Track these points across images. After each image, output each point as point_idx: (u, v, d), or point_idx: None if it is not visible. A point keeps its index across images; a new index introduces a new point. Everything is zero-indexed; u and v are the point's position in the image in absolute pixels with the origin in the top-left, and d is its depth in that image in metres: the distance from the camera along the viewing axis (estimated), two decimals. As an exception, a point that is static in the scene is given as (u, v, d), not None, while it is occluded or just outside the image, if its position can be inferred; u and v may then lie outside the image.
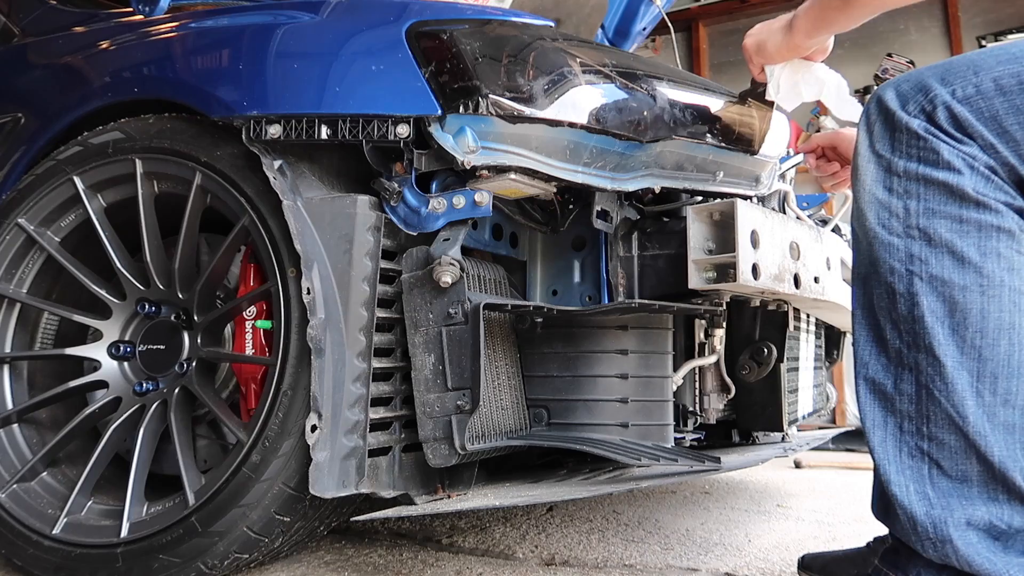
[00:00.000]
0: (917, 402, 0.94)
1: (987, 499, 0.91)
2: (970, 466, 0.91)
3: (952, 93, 0.93)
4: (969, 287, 0.91)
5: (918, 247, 0.94)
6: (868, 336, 1.00)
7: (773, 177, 1.66)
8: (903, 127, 0.96)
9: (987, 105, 0.91)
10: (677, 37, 2.43)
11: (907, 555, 0.98)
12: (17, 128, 1.64)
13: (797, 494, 2.46)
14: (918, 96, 0.96)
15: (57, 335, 1.66)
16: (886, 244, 0.96)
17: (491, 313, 1.30)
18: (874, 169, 0.99)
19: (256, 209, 1.31)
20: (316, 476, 1.16)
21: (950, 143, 0.93)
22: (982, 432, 0.90)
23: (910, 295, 0.94)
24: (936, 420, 0.93)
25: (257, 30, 1.37)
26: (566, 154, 1.26)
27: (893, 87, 0.99)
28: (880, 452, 0.97)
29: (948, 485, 0.92)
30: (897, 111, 0.97)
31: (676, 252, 1.43)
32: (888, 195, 0.97)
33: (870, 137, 1.00)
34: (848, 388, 4.30)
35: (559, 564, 1.51)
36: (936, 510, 0.92)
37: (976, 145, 0.92)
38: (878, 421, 0.97)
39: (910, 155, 0.95)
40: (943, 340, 0.92)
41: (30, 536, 1.38)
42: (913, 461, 0.94)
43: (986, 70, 0.92)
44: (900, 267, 0.95)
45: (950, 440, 0.92)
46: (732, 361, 1.73)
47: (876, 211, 0.98)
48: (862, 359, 1.00)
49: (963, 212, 0.92)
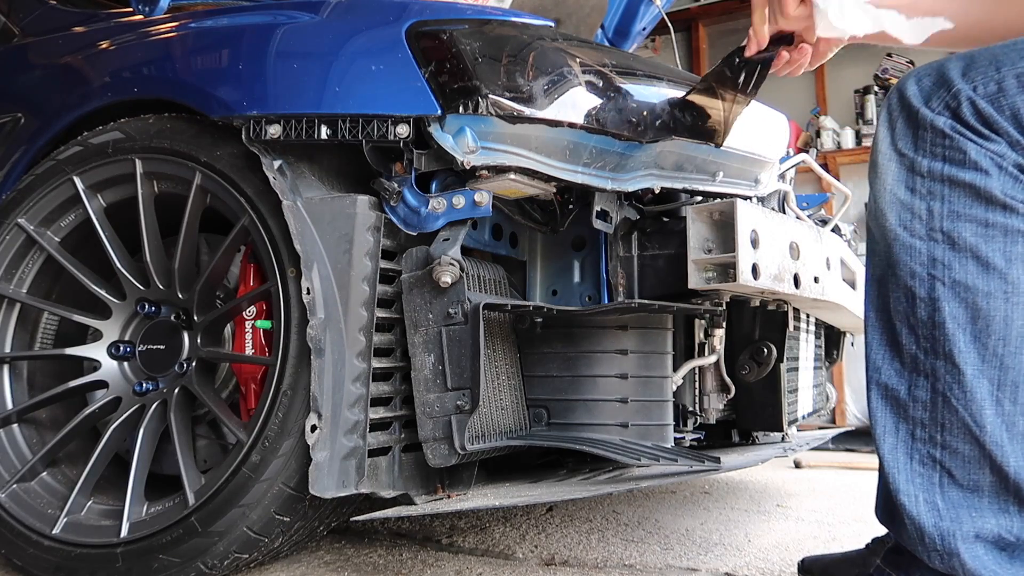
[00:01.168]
0: (932, 409, 0.92)
1: (997, 510, 0.90)
2: (983, 476, 0.90)
3: (975, 89, 0.90)
4: (993, 294, 0.89)
5: (941, 251, 0.91)
6: (882, 340, 0.97)
7: (773, 177, 1.66)
8: (928, 125, 0.92)
9: (1009, 103, 0.88)
10: (677, 37, 2.42)
11: (910, 557, 0.97)
12: (17, 128, 1.64)
13: (797, 494, 2.46)
14: (941, 92, 0.92)
15: (57, 335, 1.65)
16: (907, 247, 0.93)
17: (491, 313, 1.30)
18: (896, 168, 0.95)
19: (256, 209, 1.31)
20: (316, 476, 1.16)
21: (978, 141, 0.89)
22: (999, 442, 0.88)
23: (931, 300, 0.91)
24: (951, 428, 0.91)
25: (257, 30, 1.37)
26: (566, 154, 1.26)
27: (914, 81, 0.95)
28: (890, 459, 0.95)
29: (958, 495, 0.91)
30: (920, 108, 0.93)
31: (676, 252, 1.43)
32: (911, 196, 0.93)
33: (892, 134, 0.96)
34: (848, 388, 4.31)
35: (559, 564, 1.51)
36: (945, 522, 0.90)
37: (1004, 142, 0.89)
38: (889, 427, 0.95)
39: (935, 154, 0.92)
40: (964, 347, 0.89)
41: (30, 536, 1.38)
42: (924, 469, 0.92)
43: (1008, 65, 0.89)
44: (922, 271, 0.92)
45: (964, 449, 0.90)
46: (732, 361, 1.73)
47: (898, 212, 0.94)
48: (874, 363, 0.98)
49: (989, 216, 0.89)
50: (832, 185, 2.25)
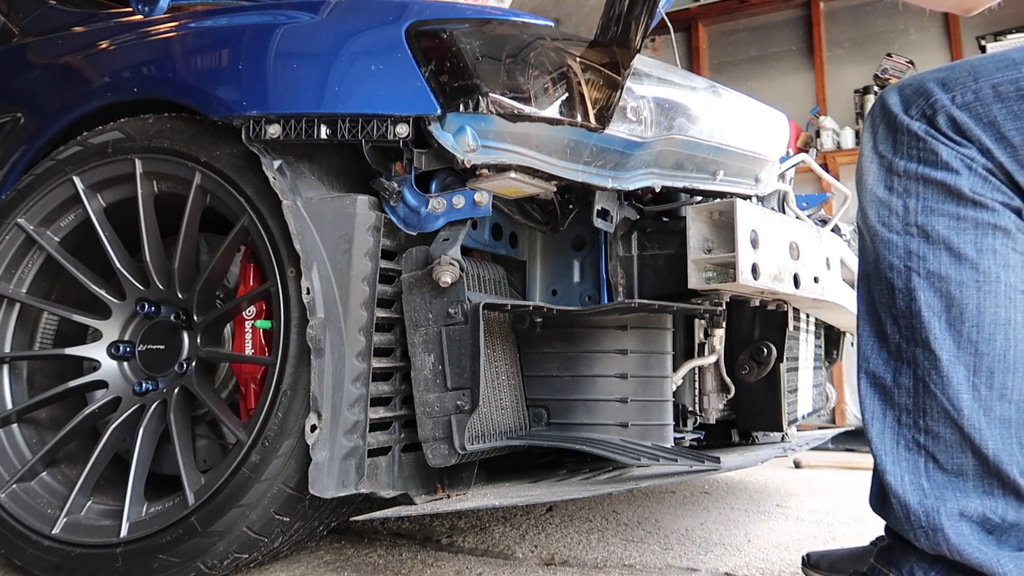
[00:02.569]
0: (915, 396, 0.96)
1: (982, 492, 0.92)
2: (965, 460, 0.93)
3: (952, 99, 0.95)
4: (965, 283, 0.93)
5: (916, 244, 0.96)
6: (870, 331, 1.02)
7: (773, 176, 1.66)
8: (904, 129, 0.98)
9: (985, 111, 0.93)
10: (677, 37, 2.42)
11: (901, 550, 1.00)
12: (17, 128, 1.64)
13: (797, 494, 2.46)
14: (920, 100, 0.98)
15: (57, 335, 1.65)
16: (886, 241, 0.98)
17: (491, 313, 1.30)
18: (876, 169, 1.01)
19: (256, 209, 1.31)
20: (316, 476, 1.16)
21: (949, 145, 0.95)
22: (977, 426, 0.92)
23: (908, 290, 0.96)
24: (932, 414, 0.94)
25: (257, 30, 1.37)
26: (566, 153, 1.26)
27: (897, 91, 1.01)
28: (878, 444, 0.99)
29: (943, 478, 0.94)
30: (900, 114, 0.99)
31: (676, 252, 1.43)
32: (888, 194, 0.99)
33: (874, 138, 1.02)
34: (848, 388, 4.31)
35: (559, 564, 1.51)
36: (929, 500, 0.93)
37: (975, 148, 0.94)
38: (877, 414, 1.00)
39: (910, 156, 0.98)
40: (939, 335, 0.94)
41: (30, 536, 1.38)
42: (910, 454, 0.96)
43: (986, 76, 0.94)
44: (899, 263, 0.97)
45: (946, 434, 0.93)
46: (732, 361, 1.73)
47: (877, 209, 1.00)
48: (864, 353, 1.02)
49: (960, 210, 0.94)
50: (832, 185, 2.25)
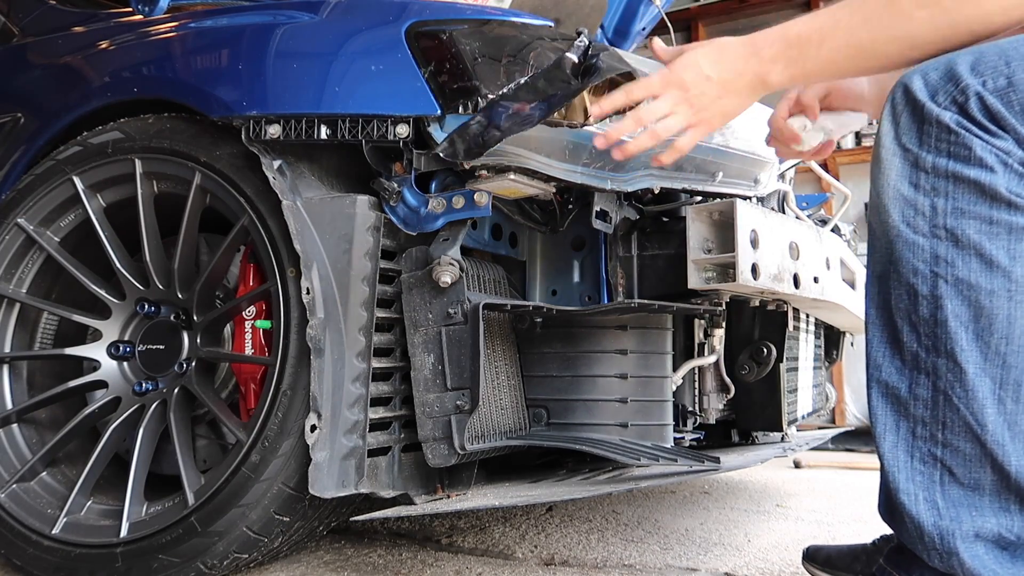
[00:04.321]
0: (933, 408, 0.91)
1: (998, 509, 0.89)
2: (984, 475, 0.89)
3: (983, 84, 0.87)
4: (997, 292, 0.87)
5: (944, 248, 0.90)
6: (882, 337, 0.96)
7: (772, 177, 1.66)
8: (933, 119, 0.90)
9: (1019, 98, 0.86)
10: (677, 37, 2.42)
11: (911, 556, 0.96)
12: (17, 128, 1.64)
13: (796, 494, 2.46)
14: (948, 86, 0.89)
15: (56, 335, 1.65)
16: (910, 243, 0.92)
17: (491, 313, 1.30)
18: (899, 163, 0.93)
19: (256, 209, 1.31)
20: (315, 476, 1.16)
21: (984, 137, 0.87)
22: (1000, 441, 0.88)
23: (934, 298, 0.90)
24: (952, 426, 0.90)
25: (256, 30, 1.37)
26: (565, 154, 1.26)
27: (920, 75, 0.92)
28: (890, 457, 0.94)
29: (959, 493, 0.90)
30: (926, 102, 0.90)
31: (676, 252, 1.43)
32: (914, 192, 0.91)
33: (895, 128, 0.94)
34: (848, 388, 4.30)
35: (558, 564, 1.51)
36: (944, 521, 0.90)
37: (1011, 139, 0.87)
38: (890, 425, 0.94)
39: (939, 150, 0.90)
40: (966, 345, 0.88)
41: (30, 536, 1.38)
42: (924, 467, 0.92)
43: (1018, 60, 0.86)
44: (924, 268, 0.91)
45: (965, 447, 0.89)
46: (732, 361, 1.73)
47: (900, 208, 0.92)
48: (875, 361, 0.97)
49: (994, 213, 0.88)
50: (832, 185, 2.25)
